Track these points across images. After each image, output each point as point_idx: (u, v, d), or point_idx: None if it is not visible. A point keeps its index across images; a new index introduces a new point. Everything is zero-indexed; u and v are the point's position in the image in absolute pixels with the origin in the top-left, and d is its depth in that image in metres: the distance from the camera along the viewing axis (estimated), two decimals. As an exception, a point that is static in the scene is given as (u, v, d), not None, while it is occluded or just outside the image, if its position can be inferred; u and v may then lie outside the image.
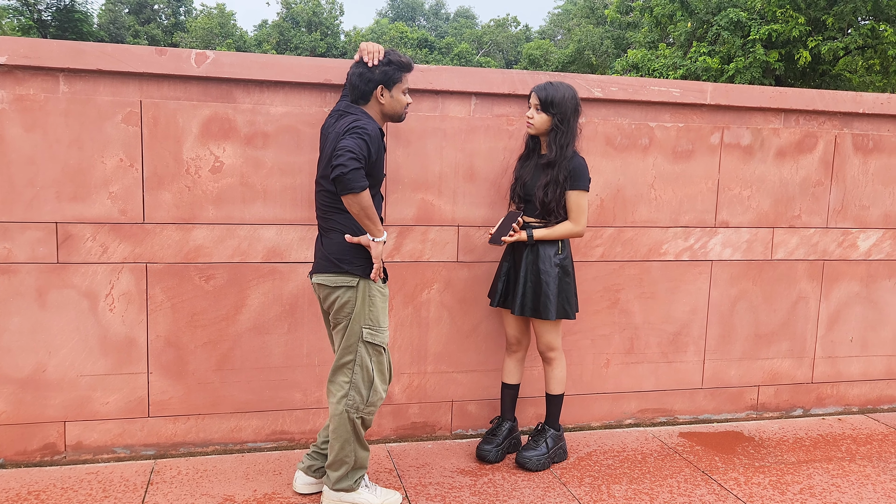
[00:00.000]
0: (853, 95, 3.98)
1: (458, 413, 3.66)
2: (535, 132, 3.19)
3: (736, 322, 4.01)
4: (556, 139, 3.14)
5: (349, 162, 2.48)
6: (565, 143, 3.14)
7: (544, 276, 3.19)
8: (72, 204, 3.06)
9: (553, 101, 3.11)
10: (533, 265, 3.21)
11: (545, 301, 3.19)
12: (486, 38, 44.68)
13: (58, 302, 3.10)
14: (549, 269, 3.20)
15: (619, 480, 3.25)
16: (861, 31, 14.76)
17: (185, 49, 3.09)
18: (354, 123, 2.61)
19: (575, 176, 3.15)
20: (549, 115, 3.13)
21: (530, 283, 3.21)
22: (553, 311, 3.19)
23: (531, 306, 3.21)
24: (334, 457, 2.81)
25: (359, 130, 2.58)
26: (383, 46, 2.80)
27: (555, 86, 3.14)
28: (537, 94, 3.14)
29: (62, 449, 3.19)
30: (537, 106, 3.14)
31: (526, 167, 3.28)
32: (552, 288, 3.19)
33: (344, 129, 2.61)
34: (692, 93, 3.72)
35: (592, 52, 27.06)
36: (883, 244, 4.18)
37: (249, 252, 3.27)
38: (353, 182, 2.50)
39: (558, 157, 3.13)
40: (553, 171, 3.14)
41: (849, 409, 4.29)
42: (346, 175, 2.48)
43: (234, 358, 3.31)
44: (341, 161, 2.49)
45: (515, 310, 3.23)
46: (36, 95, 2.98)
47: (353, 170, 2.49)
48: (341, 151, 2.51)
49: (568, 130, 3.14)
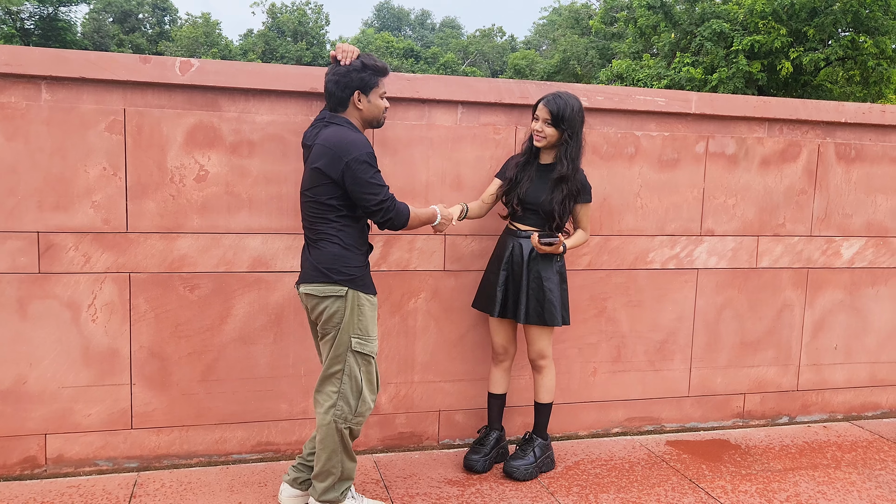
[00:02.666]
0: (836, 105, 4.03)
1: (445, 423, 3.64)
2: (546, 145, 3.17)
3: (722, 330, 4.02)
4: (567, 153, 3.14)
5: (385, 218, 2.68)
6: (576, 156, 3.16)
7: (548, 284, 3.20)
8: (54, 213, 3.02)
9: (564, 117, 3.09)
10: (535, 272, 3.21)
11: (549, 308, 3.20)
12: (471, 49, 44.87)
13: (39, 312, 3.05)
14: (551, 277, 3.22)
15: (607, 489, 3.25)
16: (841, 42, 14.99)
17: (169, 57, 3.07)
18: (353, 155, 2.60)
19: (584, 189, 3.22)
20: (560, 130, 3.12)
21: (533, 291, 3.21)
22: (558, 317, 3.22)
23: (535, 313, 3.21)
24: (321, 467, 2.78)
25: (362, 162, 2.61)
26: (361, 52, 2.79)
27: (563, 98, 3.11)
28: (548, 108, 3.10)
29: (43, 462, 3.13)
30: (547, 120, 3.11)
31: (524, 173, 3.25)
32: (555, 294, 3.21)
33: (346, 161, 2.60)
34: (677, 102, 3.74)
35: (577, 62, 27.26)
36: (866, 252, 4.22)
37: (235, 261, 3.24)
38: (401, 223, 2.73)
39: (570, 171, 3.14)
40: (568, 185, 3.15)
41: (834, 416, 4.32)
42: (396, 226, 2.73)
43: (218, 368, 3.28)
44: (382, 221, 2.69)
45: (520, 318, 3.22)
46: (17, 103, 2.94)
47: (394, 218, 2.69)
48: (374, 209, 2.66)
49: (577, 144, 3.15)
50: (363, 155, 2.61)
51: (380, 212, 2.65)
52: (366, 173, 2.61)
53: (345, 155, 2.60)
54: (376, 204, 2.64)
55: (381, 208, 2.64)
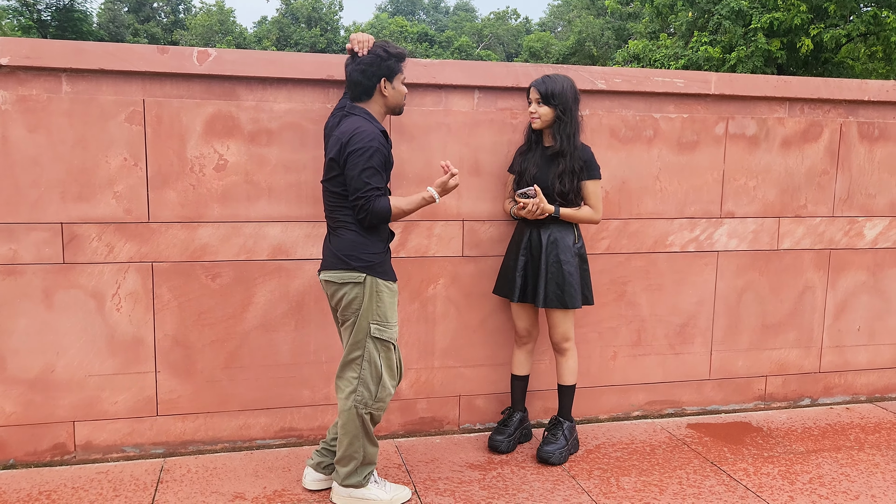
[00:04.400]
0: (858, 83, 3.96)
1: (465, 407, 3.66)
2: (542, 125, 3.20)
3: (743, 313, 4.00)
4: (561, 129, 3.18)
5: (363, 212, 2.67)
6: (571, 132, 3.18)
7: (566, 266, 3.22)
8: (77, 204, 3.06)
9: (553, 93, 3.14)
10: (554, 256, 3.22)
11: (569, 290, 3.22)
12: (486, 32, 44.54)
13: (65, 302, 3.10)
14: (570, 259, 3.23)
15: (629, 472, 3.25)
16: (863, 18, 14.65)
17: (186, 47, 3.08)
18: (355, 144, 2.63)
19: (590, 166, 3.23)
20: (552, 106, 3.16)
21: (552, 275, 3.22)
22: (578, 300, 3.24)
23: (555, 297, 3.22)
24: (343, 452, 2.82)
25: (362, 155, 2.62)
26: (375, 38, 2.80)
27: (552, 78, 3.18)
28: (537, 89, 3.18)
29: (72, 449, 3.20)
30: (538, 100, 3.17)
31: (529, 160, 3.28)
32: (575, 277, 3.24)
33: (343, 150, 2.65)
34: (696, 83, 3.70)
35: (593, 43, 26.98)
36: (889, 232, 4.16)
37: (255, 250, 3.27)
38: (381, 218, 2.70)
39: (567, 147, 3.17)
40: (565, 160, 3.18)
41: (856, 398, 4.28)
42: (373, 221, 2.69)
43: (241, 356, 3.32)
44: (358, 215, 2.68)
45: (539, 302, 3.23)
46: (39, 96, 2.97)
47: (372, 213, 2.67)
48: (353, 201, 2.67)
49: (571, 120, 3.18)
50: (364, 149, 2.63)
51: (356, 207, 2.68)
52: (356, 168, 2.63)
53: (349, 145, 2.64)
54: (354, 199, 2.67)
55: (357, 205, 2.67)
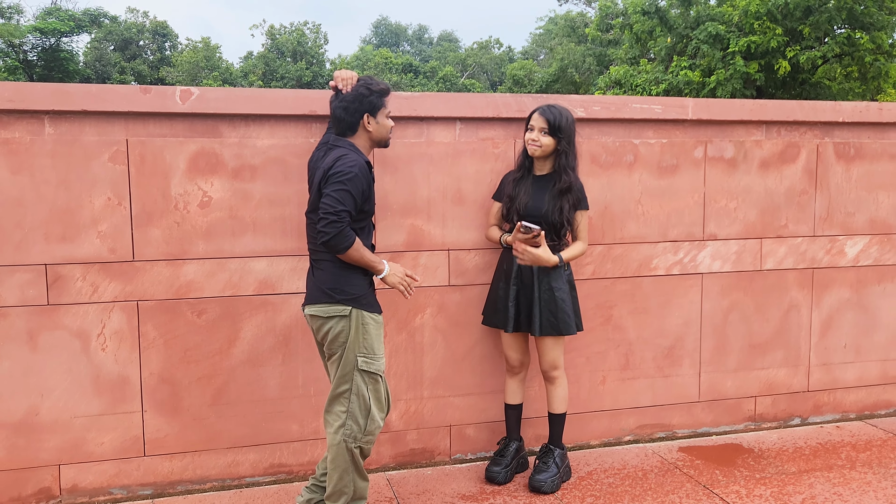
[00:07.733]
0: (832, 105, 4.04)
1: (456, 437, 3.64)
2: (542, 154, 3.23)
3: (729, 333, 4.02)
4: (566, 162, 3.21)
5: (329, 228, 2.60)
6: (573, 165, 3.24)
7: (559, 294, 3.23)
8: (61, 245, 3.05)
9: (560, 126, 3.17)
10: (546, 284, 3.23)
11: (563, 317, 3.24)
12: (469, 61, 45.06)
13: (49, 344, 3.08)
14: (561, 286, 3.26)
15: (621, 499, 3.24)
16: (837, 39, 14.99)
17: (169, 87, 3.11)
18: (336, 168, 2.65)
19: (581, 197, 3.28)
20: (556, 138, 3.19)
21: (545, 303, 3.23)
22: (572, 326, 3.26)
23: (549, 325, 3.23)
24: (333, 488, 2.79)
25: (340, 178, 2.63)
26: (358, 74, 2.86)
27: (558, 109, 3.21)
28: (545, 118, 3.17)
29: (57, 493, 3.15)
30: (544, 130, 3.18)
31: (521, 186, 3.29)
32: (567, 304, 3.26)
33: (325, 175, 2.66)
34: (674, 109, 3.76)
35: (575, 69, 27.34)
36: (870, 250, 4.21)
37: (241, 285, 3.26)
38: (339, 245, 2.63)
39: (574, 181, 3.21)
40: (571, 195, 3.22)
41: (846, 415, 4.30)
42: (331, 242, 2.62)
43: (229, 392, 3.29)
44: (322, 227, 2.61)
45: (535, 331, 3.24)
46: (21, 138, 2.98)
47: (335, 235, 2.60)
48: (323, 214, 2.61)
49: (572, 153, 3.23)
50: (344, 173, 2.63)
51: (324, 219, 2.60)
52: (334, 186, 2.63)
53: (332, 169, 2.66)
54: (324, 213, 2.60)
55: (327, 219, 2.59)
